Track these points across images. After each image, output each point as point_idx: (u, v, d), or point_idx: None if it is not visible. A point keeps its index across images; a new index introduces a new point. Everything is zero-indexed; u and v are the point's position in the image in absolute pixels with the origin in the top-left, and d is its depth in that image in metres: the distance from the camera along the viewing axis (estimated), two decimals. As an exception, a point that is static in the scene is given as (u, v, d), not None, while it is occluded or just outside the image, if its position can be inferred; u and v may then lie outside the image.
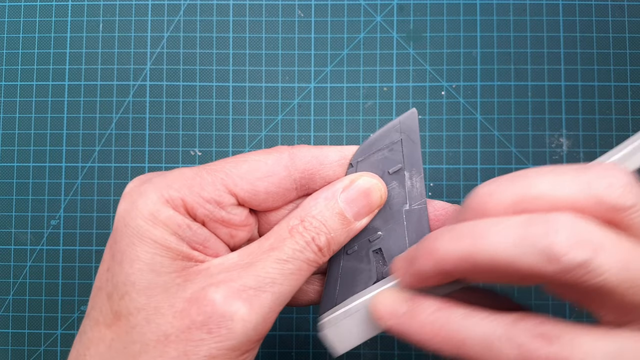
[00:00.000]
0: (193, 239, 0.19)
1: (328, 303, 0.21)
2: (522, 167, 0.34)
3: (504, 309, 0.17)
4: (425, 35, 0.35)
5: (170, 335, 0.18)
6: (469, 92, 0.34)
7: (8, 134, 0.35)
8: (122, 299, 0.18)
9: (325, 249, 0.20)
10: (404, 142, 0.21)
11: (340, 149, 0.21)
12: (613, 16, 0.34)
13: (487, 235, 0.16)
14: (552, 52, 0.34)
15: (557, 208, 0.16)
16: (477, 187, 0.18)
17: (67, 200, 0.34)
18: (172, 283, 0.18)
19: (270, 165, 0.20)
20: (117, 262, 0.19)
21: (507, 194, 0.17)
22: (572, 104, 0.34)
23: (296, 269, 0.19)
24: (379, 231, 0.21)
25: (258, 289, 0.18)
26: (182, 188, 0.19)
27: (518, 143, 0.34)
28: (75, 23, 0.35)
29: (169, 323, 0.18)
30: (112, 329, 0.18)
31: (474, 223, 0.17)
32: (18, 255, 0.34)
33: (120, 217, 0.19)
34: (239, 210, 0.20)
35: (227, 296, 0.18)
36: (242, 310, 0.18)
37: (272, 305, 0.19)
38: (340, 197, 0.20)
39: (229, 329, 0.18)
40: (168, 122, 0.35)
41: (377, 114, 0.34)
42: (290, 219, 0.20)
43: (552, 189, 0.16)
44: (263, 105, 0.35)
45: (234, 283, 0.18)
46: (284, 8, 0.35)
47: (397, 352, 0.33)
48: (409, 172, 0.21)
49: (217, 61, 0.35)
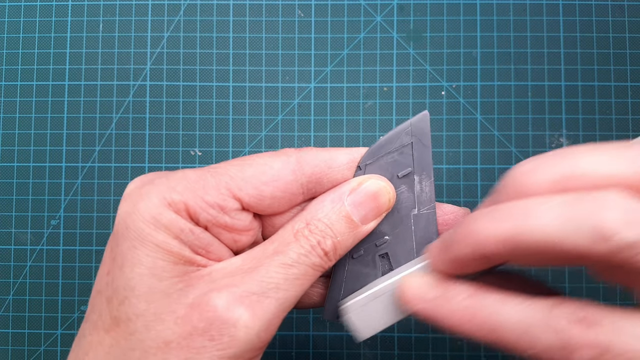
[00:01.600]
0: (195, 243, 0.19)
1: (331, 307, 0.21)
2: (522, 167, 0.34)
3: (537, 294, 0.17)
4: (425, 35, 0.35)
5: (171, 342, 0.17)
6: (469, 92, 0.34)
7: (8, 134, 0.35)
8: (122, 304, 0.18)
9: (331, 253, 0.19)
10: (414, 145, 0.20)
11: (349, 151, 0.20)
12: (613, 16, 0.34)
13: (531, 215, 0.15)
14: (552, 52, 0.34)
15: (602, 186, 0.15)
16: (514, 167, 0.17)
17: (67, 200, 0.34)
18: (174, 288, 0.18)
19: (277, 170, 0.19)
20: (118, 266, 0.18)
21: (549, 173, 0.16)
22: (572, 104, 0.34)
23: (301, 273, 0.18)
24: (386, 235, 0.21)
25: (261, 294, 0.18)
26: (185, 191, 0.18)
27: (518, 143, 0.34)
28: (75, 23, 0.35)
29: (170, 329, 0.17)
30: (111, 334, 0.18)
31: (515, 203, 0.16)
32: (18, 255, 0.34)
33: (121, 219, 0.18)
34: (243, 215, 0.19)
35: (229, 302, 0.17)
36: (244, 317, 0.17)
37: (276, 311, 0.18)
38: (347, 199, 0.19)
39: (231, 336, 0.17)
40: (168, 122, 0.35)
41: (377, 114, 0.34)
42: (295, 222, 0.19)
43: (597, 166, 0.15)
44: (263, 105, 0.35)
45: (236, 288, 0.18)
46: (284, 8, 0.35)
47: (397, 352, 0.33)
48: (418, 176, 0.20)
49: (217, 61, 0.35)
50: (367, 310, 0.20)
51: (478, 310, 0.17)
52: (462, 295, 0.17)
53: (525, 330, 0.16)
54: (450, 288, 0.18)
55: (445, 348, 0.33)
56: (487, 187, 0.34)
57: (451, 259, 0.18)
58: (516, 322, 0.16)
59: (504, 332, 0.16)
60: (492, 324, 0.16)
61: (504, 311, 0.16)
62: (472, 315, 0.17)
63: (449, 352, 0.33)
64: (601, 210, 0.14)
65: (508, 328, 0.16)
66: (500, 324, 0.16)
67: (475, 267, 0.17)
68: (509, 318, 0.16)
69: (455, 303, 0.17)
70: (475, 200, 0.34)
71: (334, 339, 0.34)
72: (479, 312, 0.17)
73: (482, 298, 0.17)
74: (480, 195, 0.34)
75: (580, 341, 0.15)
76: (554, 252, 0.15)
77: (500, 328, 0.16)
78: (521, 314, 0.16)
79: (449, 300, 0.17)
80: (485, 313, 0.16)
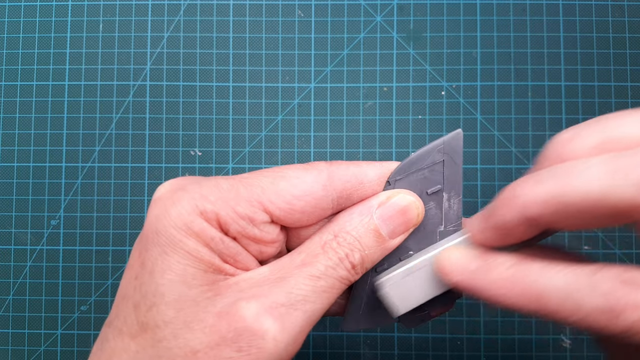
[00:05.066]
0: (225, 252, 0.18)
1: (352, 321, 0.21)
2: (522, 167, 0.34)
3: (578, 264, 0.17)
4: (425, 35, 0.35)
5: (199, 351, 0.17)
6: (469, 92, 0.34)
7: (8, 134, 0.35)
8: (150, 310, 0.18)
9: (358, 266, 0.19)
10: (445, 163, 0.20)
11: (380, 165, 0.20)
12: (613, 16, 0.34)
13: (575, 173, 0.15)
14: (552, 52, 0.34)
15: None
16: (555, 135, 0.17)
17: (67, 200, 0.34)
18: (203, 296, 0.18)
19: (309, 184, 0.19)
20: (148, 271, 0.18)
21: (590, 138, 0.16)
22: (572, 104, 0.34)
23: (328, 286, 0.18)
24: (411, 251, 0.21)
25: (290, 306, 0.18)
26: (218, 201, 0.18)
27: (518, 143, 0.34)
28: (75, 23, 0.35)
29: (198, 339, 0.17)
30: (137, 341, 0.18)
31: (558, 166, 0.16)
32: (18, 255, 0.34)
33: (151, 223, 0.18)
34: (271, 227, 0.19)
35: (259, 313, 0.17)
36: (273, 329, 0.17)
37: (304, 324, 0.18)
38: (375, 213, 0.19)
39: (259, 348, 0.17)
40: (168, 122, 0.35)
41: (377, 114, 0.34)
42: (323, 234, 0.19)
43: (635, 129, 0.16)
44: (263, 105, 0.35)
45: (265, 299, 0.18)
46: (284, 8, 0.35)
47: (397, 352, 0.33)
48: (447, 193, 0.20)
49: (217, 61, 0.35)
50: (404, 284, 0.20)
51: (522, 279, 0.17)
52: (505, 265, 0.17)
53: (569, 294, 0.15)
54: (492, 258, 0.18)
55: (445, 348, 0.33)
56: (487, 187, 0.34)
57: (495, 227, 0.18)
58: (560, 288, 0.16)
59: (548, 299, 0.16)
60: (536, 291, 0.16)
61: (548, 277, 0.16)
62: (514, 284, 0.17)
63: (448, 352, 0.33)
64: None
65: (552, 294, 0.16)
66: (544, 291, 0.16)
67: (519, 234, 0.17)
68: (553, 284, 0.16)
69: (497, 273, 0.17)
70: (475, 200, 0.34)
71: (334, 339, 0.34)
72: (523, 280, 0.16)
73: (525, 266, 0.17)
74: (481, 196, 0.34)
75: (627, 302, 0.15)
76: (599, 209, 0.15)
77: (544, 295, 0.16)
78: (565, 279, 0.16)
79: (490, 270, 0.17)
80: (529, 281, 0.16)
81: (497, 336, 0.33)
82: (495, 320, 0.33)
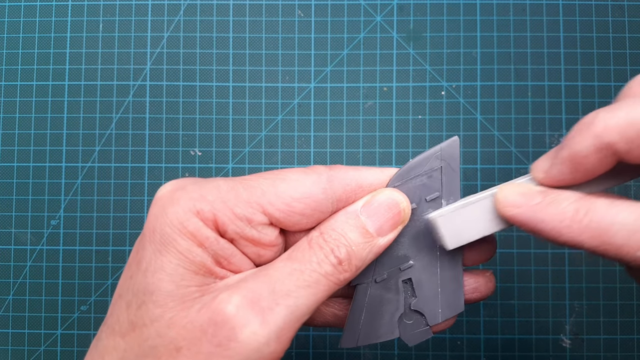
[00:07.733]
0: (220, 253, 0.19)
1: (352, 332, 0.21)
2: (522, 167, 0.34)
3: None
4: (425, 35, 0.35)
5: (182, 348, 0.17)
6: (469, 92, 0.34)
7: (8, 134, 0.35)
8: (140, 308, 0.18)
9: (345, 262, 0.19)
10: (444, 169, 0.20)
11: (379, 171, 0.20)
12: (613, 16, 0.34)
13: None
14: (552, 52, 0.34)
15: None
16: (634, 77, 0.18)
17: (67, 200, 0.34)
18: (190, 297, 0.18)
19: (309, 187, 0.19)
20: (142, 270, 0.18)
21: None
22: (572, 104, 0.34)
23: (313, 281, 0.18)
24: (411, 260, 0.21)
25: (272, 300, 0.17)
26: (216, 202, 0.18)
27: (518, 143, 0.34)
28: (75, 23, 0.35)
29: (181, 335, 0.17)
30: (126, 340, 0.18)
31: (632, 98, 0.16)
32: (18, 255, 0.34)
33: (149, 222, 0.19)
34: (269, 230, 0.19)
35: (238, 306, 0.17)
36: (253, 323, 0.17)
37: (287, 320, 0.18)
38: (361, 210, 0.19)
39: (238, 342, 0.17)
40: (168, 122, 0.35)
41: (377, 114, 0.34)
42: (311, 233, 0.20)
43: None
44: (263, 105, 0.35)
45: (246, 292, 0.17)
46: (284, 8, 0.35)
47: (397, 352, 0.33)
48: (446, 200, 0.20)
49: (217, 61, 0.35)
50: (458, 217, 0.19)
51: (587, 212, 0.16)
52: (570, 199, 0.17)
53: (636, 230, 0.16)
54: (556, 193, 0.18)
55: (445, 348, 0.33)
56: (487, 187, 0.34)
57: (567, 158, 0.17)
58: (627, 222, 0.16)
59: (614, 234, 0.16)
60: (601, 226, 0.16)
61: (615, 212, 0.16)
62: (579, 218, 0.16)
63: (448, 352, 0.33)
64: None
65: (618, 229, 0.16)
66: (609, 225, 0.16)
67: (590, 166, 0.17)
68: (621, 219, 0.16)
69: (561, 207, 0.17)
70: (475, 200, 0.34)
71: (334, 339, 0.34)
72: (588, 214, 0.16)
73: (591, 201, 0.17)
74: (480, 195, 0.34)
75: None
76: None
77: (609, 230, 0.16)
78: (632, 213, 0.16)
79: (553, 204, 0.17)
80: (595, 215, 0.16)
81: (497, 336, 0.33)
82: (495, 320, 0.33)
